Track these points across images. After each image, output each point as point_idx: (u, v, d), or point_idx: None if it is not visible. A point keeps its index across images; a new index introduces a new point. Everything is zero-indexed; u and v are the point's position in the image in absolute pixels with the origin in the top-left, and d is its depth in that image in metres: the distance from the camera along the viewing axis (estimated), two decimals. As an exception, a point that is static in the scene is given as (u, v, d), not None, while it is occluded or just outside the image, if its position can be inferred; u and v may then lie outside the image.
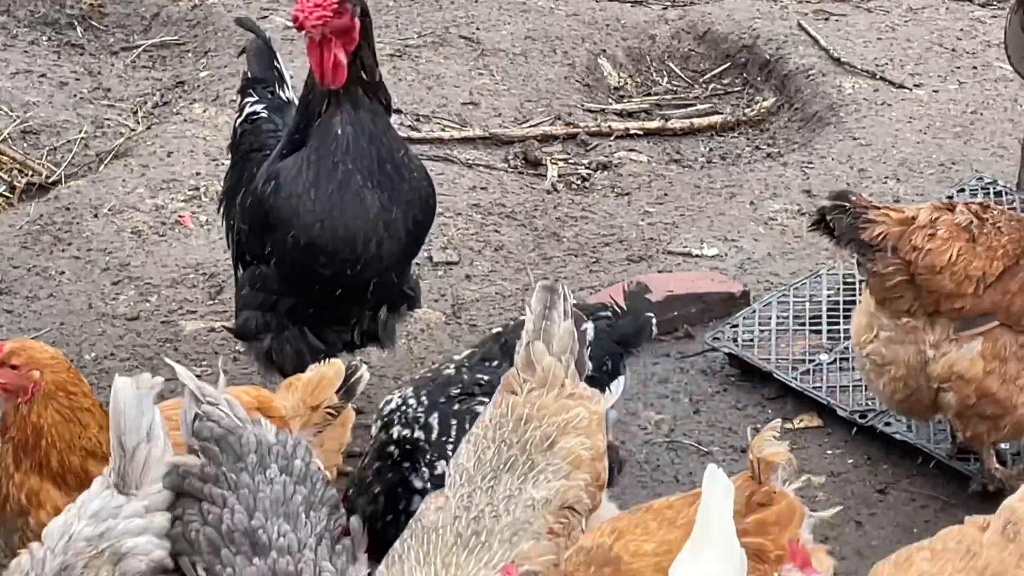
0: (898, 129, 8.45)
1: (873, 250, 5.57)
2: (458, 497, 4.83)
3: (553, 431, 4.97)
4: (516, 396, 5.04)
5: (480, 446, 4.96)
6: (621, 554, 4.59)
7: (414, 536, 4.77)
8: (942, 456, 6.11)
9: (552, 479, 4.89)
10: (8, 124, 8.49)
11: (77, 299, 7.19)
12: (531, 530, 4.79)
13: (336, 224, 5.72)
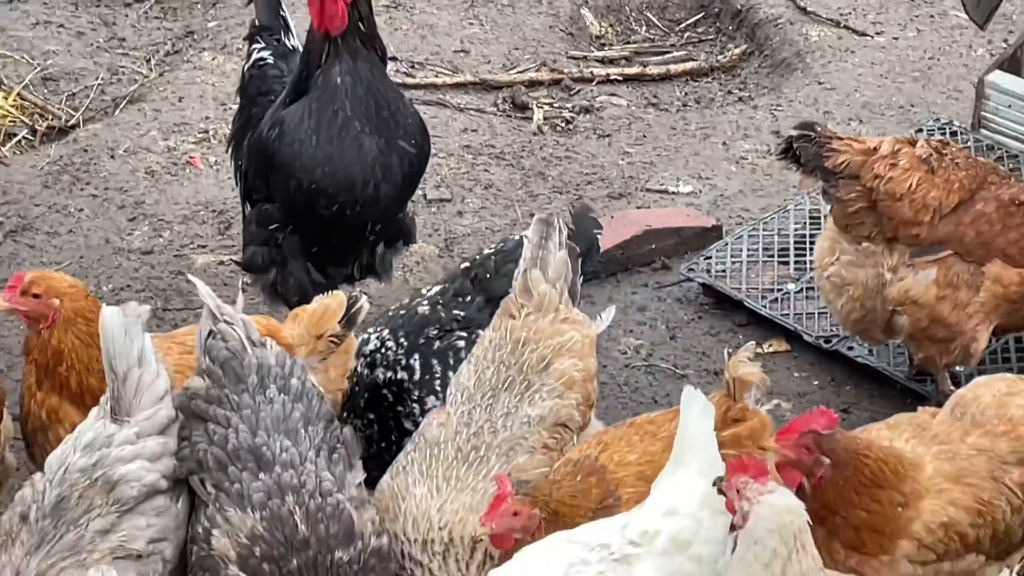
0: (860, 74, 8.42)
1: (837, 177, 5.57)
2: (459, 414, 4.90)
3: (548, 353, 5.02)
4: (514, 320, 5.10)
5: (480, 366, 5.01)
6: (606, 464, 4.64)
7: (417, 449, 4.84)
8: (900, 378, 6.14)
9: (547, 398, 4.94)
10: (29, 72, 8.44)
11: (95, 235, 7.14)
12: (526, 445, 4.85)
13: (336, 168, 5.73)
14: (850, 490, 4.36)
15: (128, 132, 7.86)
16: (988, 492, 4.51)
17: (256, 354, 4.69)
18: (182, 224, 7.23)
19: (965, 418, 4.71)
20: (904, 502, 4.41)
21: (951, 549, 4.45)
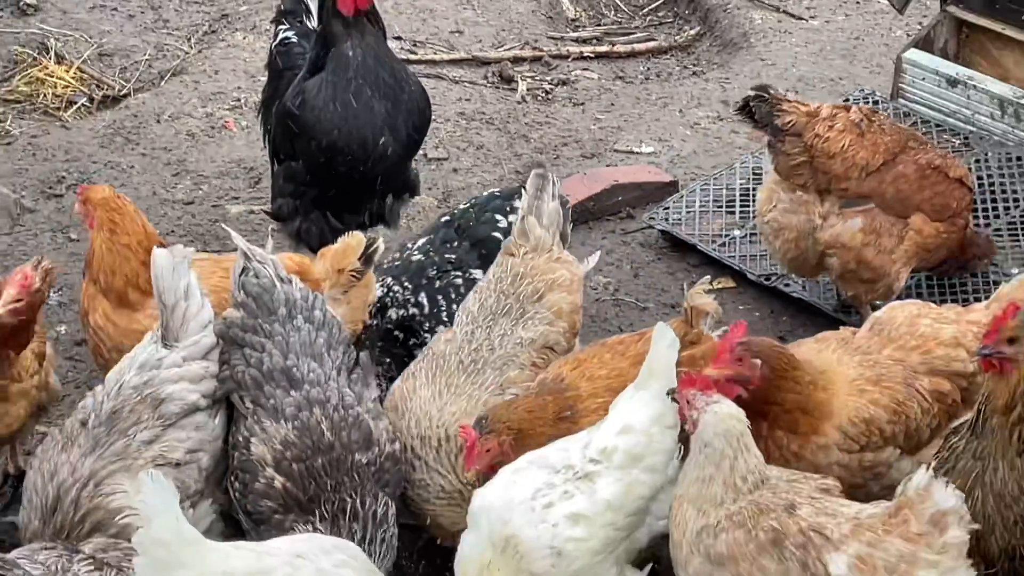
0: (797, 52, 8.43)
1: (784, 133, 5.62)
2: (463, 333, 4.97)
3: (541, 287, 5.07)
4: (514, 258, 5.15)
5: (483, 295, 5.07)
6: (574, 381, 4.71)
7: (425, 360, 4.92)
8: (829, 310, 6.19)
9: (538, 324, 5.00)
10: (87, 48, 8.42)
11: (144, 188, 7.18)
12: (517, 362, 4.91)
13: (351, 130, 5.75)
14: (776, 379, 4.43)
15: (172, 100, 7.88)
16: (903, 395, 4.61)
17: (284, 289, 4.75)
18: (218, 179, 7.27)
19: (883, 334, 4.80)
20: (814, 380, 4.52)
21: (872, 442, 4.57)
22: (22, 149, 7.45)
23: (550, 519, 4.22)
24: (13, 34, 8.54)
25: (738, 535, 4.08)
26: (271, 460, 4.49)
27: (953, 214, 5.83)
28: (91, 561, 4.07)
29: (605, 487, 4.27)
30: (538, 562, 4.19)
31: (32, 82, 8.09)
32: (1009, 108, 6.72)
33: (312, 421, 4.53)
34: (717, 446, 4.11)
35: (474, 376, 4.85)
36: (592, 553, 4.24)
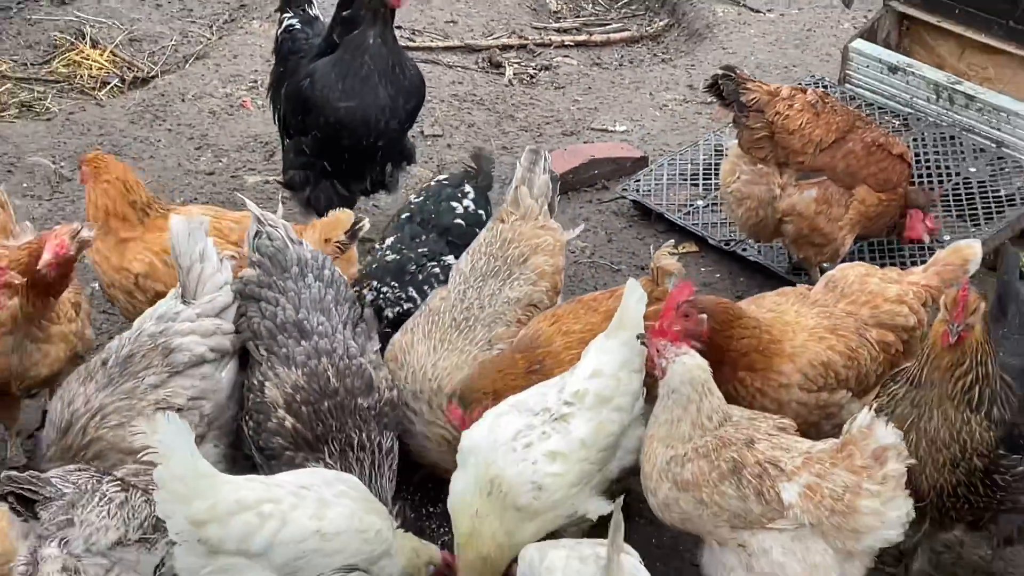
0: (755, 42, 8.40)
1: (748, 110, 5.57)
2: (456, 292, 4.94)
3: (527, 251, 5.05)
4: (504, 224, 5.15)
5: (475, 257, 5.04)
6: (549, 337, 4.69)
7: (422, 315, 4.89)
8: (781, 272, 6.18)
9: (523, 284, 4.99)
10: (119, 34, 8.36)
11: (170, 160, 7.12)
12: (504, 319, 4.90)
13: (356, 109, 5.75)
14: (725, 329, 4.45)
15: (195, 81, 7.82)
16: (855, 343, 4.65)
17: (295, 249, 4.72)
18: (237, 152, 7.20)
19: (836, 291, 4.83)
20: (760, 325, 4.55)
21: (828, 383, 4.60)
22: (61, 124, 7.39)
23: (530, 457, 4.23)
24: (53, 21, 8.48)
25: (702, 464, 4.12)
26: (282, 402, 4.46)
27: (894, 186, 5.84)
28: (119, 483, 4.05)
29: (578, 427, 4.29)
30: (521, 497, 4.20)
31: (70, 64, 8.04)
32: (943, 93, 6.69)
33: (320, 368, 4.50)
34: (684, 392, 4.16)
35: (466, 332, 4.83)
36: (569, 486, 4.25)
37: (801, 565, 4.08)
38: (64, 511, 3.87)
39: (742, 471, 4.09)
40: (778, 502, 4.07)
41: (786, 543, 4.09)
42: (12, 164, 6.93)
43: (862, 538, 4.08)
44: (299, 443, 4.45)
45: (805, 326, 4.66)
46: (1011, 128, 6.46)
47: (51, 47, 8.23)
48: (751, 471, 4.09)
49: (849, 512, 4.04)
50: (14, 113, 7.59)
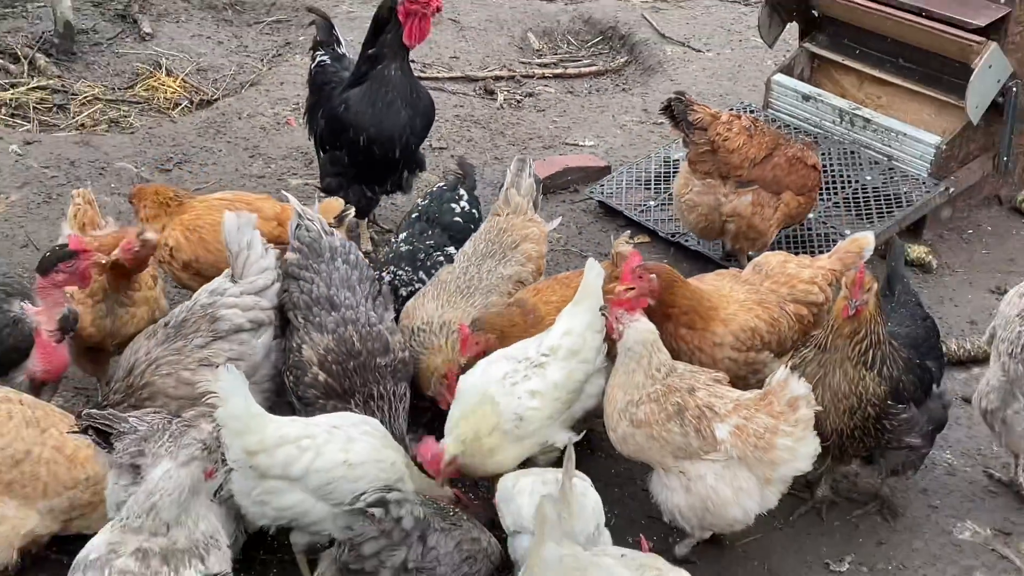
0: (696, 75, 8.37)
1: (694, 129, 5.53)
2: (460, 268, 4.98)
3: (518, 238, 5.09)
4: (499, 217, 5.19)
5: (476, 242, 5.08)
6: (534, 301, 4.73)
7: (432, 285, 4.92)
8: (717, 258, 6.12)
9: (514, 264, 5.03)
10: (189, 65, 8.33)
11: (228, 166, 7.08)
12: (498, 291, 4.93)
13: (383, 129, 5.71)
14: (669, 287, 4.46)
15: (249, 103, 7.78)
16: (777, 314, 4.67)
17: (327, 239, 4.69)
18: (282, 160, 7.16)
19: (762, 273, 4.85)
20: (699, 291, 4.60)
21: (754, 344, 4.60)
22: (141, 137, 7.36)
23: (516, 393, 4.28)
24: (136, 54, 8.46)
25: (653, 407, 4.15)
26: (316, 361, 4.45)
27: (809, 190, 5.85)
28: (186, 423, 4.00)
29: (553, 373, 4.32)
30: (506, 424, 4.24)
31: (149, 89, 8.01)
32: (846, 116, 6.70)
33: (347, 334, 4.48)
34: (637, 350, 4.19)
35: (467, 297, 4.86)
36: (544, 419, 4.29)
37: (729, 488, 4.12)
38: (136, 444, 3.84)
39: (685, 413, 4.12)
40: (713, 438, 4.10)
41: (718, 471, 4.12)
42: (103, 168, 6.89)
43: (778, 469, 4.12)
44: (330, 394, 4.44)
45: (737, 299, 4.67)
46: (899, 145, 6.47)
47: (134, 75, 8.19)
48: (692, 413, 4.12)
49: (768, 448, 4.08)
50: (104, 127, 7.56)
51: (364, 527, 3.53)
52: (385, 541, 3.53)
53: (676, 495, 4.17)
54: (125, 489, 3.85)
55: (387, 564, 3.53)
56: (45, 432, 4.03)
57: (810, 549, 4.53)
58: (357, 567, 3.51)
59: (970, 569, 4.47)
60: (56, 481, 4.02)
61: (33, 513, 4.03)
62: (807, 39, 6.97)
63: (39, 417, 4.06)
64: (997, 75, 6.05)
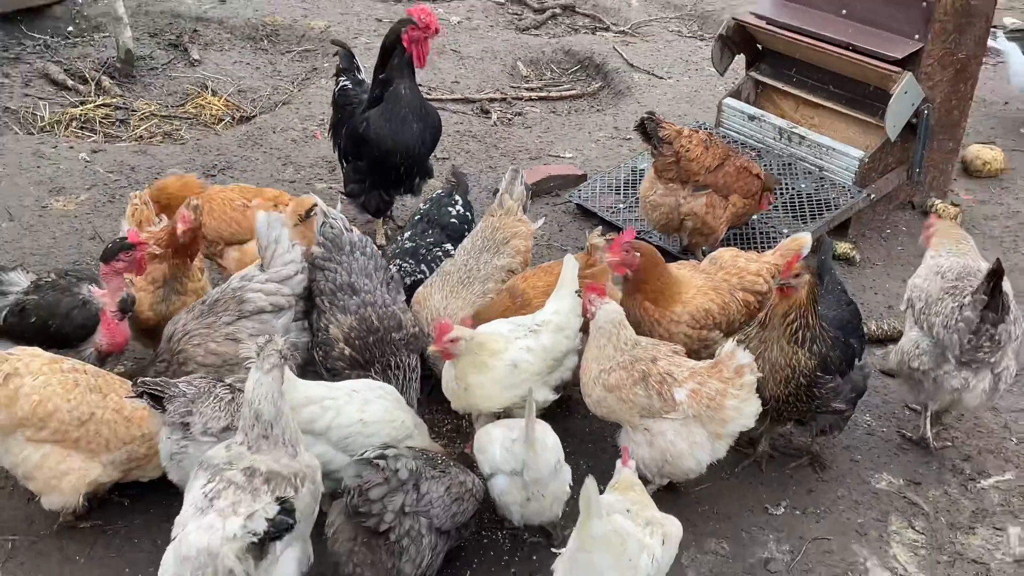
0: (660, 98, 8.36)
1: (662, 143, 5.52)
2: (460, 261, 4.95)
3: (509, 235, 5.06)
4: (493, 218, 5.15)
5: (474, 238, 5.06)
6: (523, 287, 4.70)
7: (438, 276, 4.89)
8: (675, 252, 6.11)
9: (505, 257, 5.00)
10: (231, 87, 8.33)
11: (264, 172, 7.04)
12: (493, 279, 4.89)
13: (398, 142, 5.66)
14: (647, 266, 4.49)
15: (282, 120, 7.75)
16: (728, 299, 4.67)
17: (347, 235, 4.68)
18: (310, 168, 7.13)
19: (716, 264, 4.86)
20: (669, 276, 4.59)
21: (707, 324, 4.61)
22: (191, 147, 7.33)
23: (515, 346, 4.28)
24: (186, 77, 8.44)
25: (622, 374, 4.16)
26: (342, 338, 4.46)
27: (753, 194, 5.84)
28: (228, 387, 4.05)
29: (544, 339, 4.34)
30: (501, 368, 4.24)
31: (197, 107, 7.99)
32: (785, 134, 6.70)
33: (367, 314, 4.49)
34: (607, 327, 4.20)
35: (467, 286, 4.84)
36: (533, 373, 4.29)
37: (685, 443, 4.15)
38: (185, 405, 3.89)
39: (648, 379, 4.14)
40: (672, 400, 4.12)
41: (676, 428, 4.14)
42: (158, 174, 6.85)
43: (727, 426, 4.15)
44: (354, 365, 4.45)
45: (696, 284, 4.68)
46: (829, 158, 6.48)
47: (184, 95, 8.17)
48: (654, 379, 4.14)
49: (719, 408, 4.11)
50: (159, 139, 7.54)
51: (371, 475, 3.54)
52: (387, 487, 3.54)
53: (641, 448, 4.19)
54: (177, 443, 3.91)
55: (388, 508, 3.55)
56: (106, 397, 4.04)
57: (751, 495, 4.56)
58: (365, 510, 3.52)
59: (886, 513, 4.51)
60: (116, 438, 4.03)
61: (97, 464, 4.04)
62: (752, 69, 6.97)
63: (101, 384, 4.06)
64: (912, 99, 6.08)
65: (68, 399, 3.95)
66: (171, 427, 3.89)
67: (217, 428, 3.89)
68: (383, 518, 3.54)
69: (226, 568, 3.22)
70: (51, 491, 4.01)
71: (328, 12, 9.55)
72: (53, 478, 3.98)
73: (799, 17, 6.46)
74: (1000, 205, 7.01)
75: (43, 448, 3.95)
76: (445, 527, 3.74)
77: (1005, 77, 8.40)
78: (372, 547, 3.59)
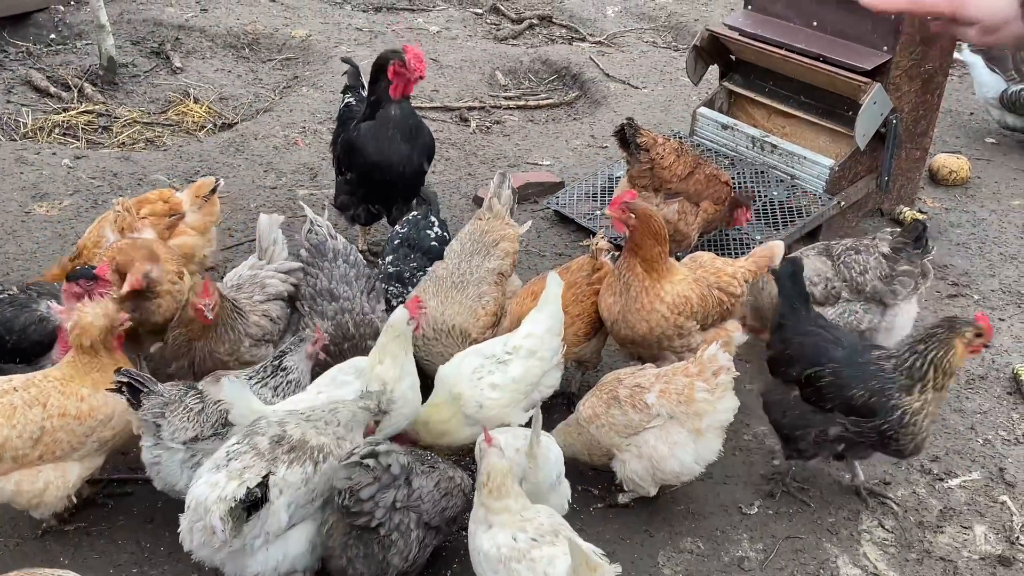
0: (635, 108, 8.38)
1: (639, 150, 5.52)
2: (452, 264, 4.92)
3: (498, 238, 5.05)
4: (481, 221, 5.15)
5: (463, 241, 5.03)
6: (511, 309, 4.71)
7: (431, 280, 4.86)
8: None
9: (495, 260, 4.98)
10: (213, 94, 8.30)
11: (246, 179, 7.03)
12: (486, 281, 4.88)
13: (384, 157, 5.61)
14: (642, 233, 4.50)
15: (264, 127, 7.74)
16: (706, 293, 4.66)
17: (331, 243, 4.70)
18: (291, 174, 7.11)
19: (696, 263, 4.86)
20: (664, 250, 4.56)
21: (684, 311, 4.58)
22: (173, 154, 7.30)
23: (480, 386, 4.25)
24: (168, 84, 8.40)
25: (593, 400, 4.29)
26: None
27: (723, 201, 5.85)
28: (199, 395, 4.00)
29: (514, 369, 4.30)
30: (469, 408, 4.22)
31: (179, 114, 7.96)
32: (757, 143, 6.74)
33: (343, 321, 4.50)
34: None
35: (461, 290, 4.82)
36: (501, 407, 4.26)
37: (666, 444, 4.15)
38: (160, 406, 3.86)
39: (619, 397, 4.21)
40: (645, 405, 4.13)
41: (657, 434, 4.15)
42: (140, 180, 6.84)
43: (703, 420, 4.12)
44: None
45: (682, 272, 4.69)
46: (800, 167, 6.53)
47: (167, 102, 8.14)
48: (624, 394, 4.20)
49: (690, 400, 4.11)
50: (142, 146, 7.50)
51: (360, 475, 3.53)
52: (378, 485, 3.54)
53: (631, 463, 4.19)
54: (151, 452, 3.88)
55: (380, 504, 3.54)
56: (47, 406, 3.89)
57: (726, 495, 4.58)
58: (356, 509, 3.52)
59: (856, 512, 4.54)
60: (75, 436, 3.93)
61: (72, 465, 3.97)
62: (726, 79, 7.01)
63: (36, 395, 3.90)
64: (880, 109, 6.13)
65: (13, 426, 3.82)
66: (145, 426, 3.85)
67: (183, 439, 3.86)
68: (374, 515, 3.55)
69: (210, 526, 3.33)
70: (37, 507, 3.96)
71: (309, 21, 9.53)
72: (34, 497, 3.92)
73: (771, 29, 6.51)
74: (966, 213, 7.10)
75: (12, 477, 3.87)
76: (434, 522, 3.75)
77: (970, 89, 8.51)
78: (365, 540, 3.60)
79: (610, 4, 10.47)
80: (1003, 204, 7.21)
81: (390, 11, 10.19)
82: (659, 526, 4.37)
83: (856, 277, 4.96)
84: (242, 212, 6.56)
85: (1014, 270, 6.42)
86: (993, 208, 7.14)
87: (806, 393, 4.28)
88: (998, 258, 6.55)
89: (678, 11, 10.33)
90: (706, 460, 4.19)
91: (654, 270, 4.54)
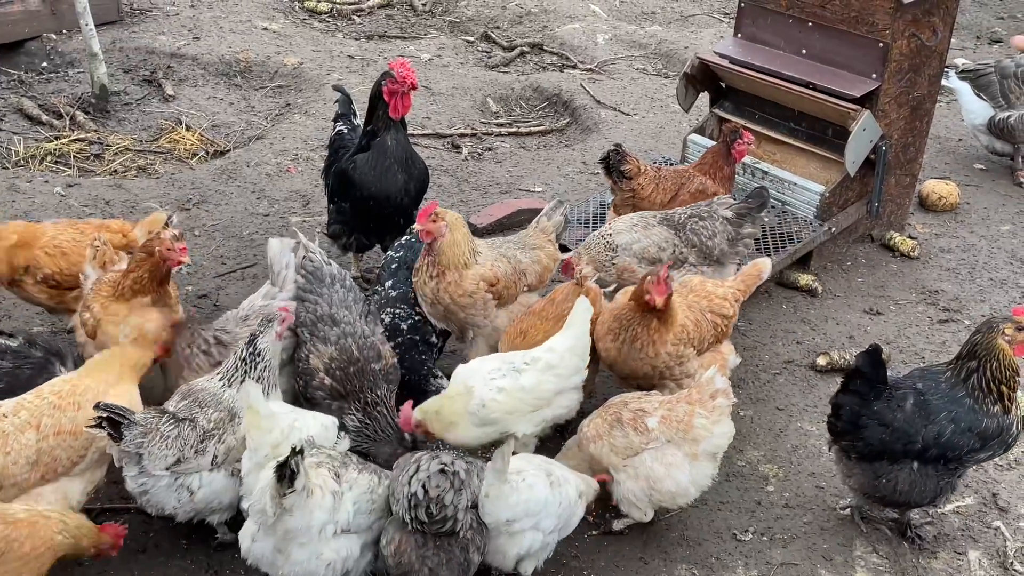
0: (626, 134, 8.44)
1: (624, 177, 5.60)
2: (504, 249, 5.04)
3: (537, 247, 5.18)
4: (529, 233, 5.26)
5: (508, 243, 5.15)
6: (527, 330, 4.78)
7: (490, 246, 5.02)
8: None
9: (529, 257, 5.11)
10: (205, 122, 8.33)
11: (239, 206, 7.07)
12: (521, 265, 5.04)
13: (381, 188, 5.65)
14: (666, 303, 4.49)
15: (256, 154, 7.77)
16: (700, 318, 4.73)
17: (327, 268, 4.74)
18: (283, 201, 7.14)
19: (687, 288, 4.91)
20: (675, 313, 4.62)
21: (683, 339, 4.64)
22: (165, 181, 7.33)
23: (489, 386, 4.30)
24: (160, 112, 8.43)
25: (598, 421, 4.36)
26: (323, 368, 4.49)
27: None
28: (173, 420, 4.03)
29: (526, 378, 4.35)
30: (472, 403, 4.27)
31: (171, 141, 7.99)
32: (748, 169, 6.75)
33: (347, 345, 4.53)
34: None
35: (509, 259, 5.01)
36: (504, 411, 4.30)
37: (662, 465, 4.22)
38: (140, 436, 3.91)
39: (622, 419, 4.28)
40: (646, 428, 4.20)
41: (654, 455, 4.23)
42: (132, 207, 6.87)
43: (700, 445, 4.21)
44: (334, 395, 4.49)
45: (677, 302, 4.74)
46: (791, 193, 6.59)
47: (159, 130, 8.16)
48: (628, 417, 4.26)
49: (688, 428, 4.20)
50: (134, 173, 7.53)
51: (441, 482, 3.65)
52: (454, 491, 3.68)
53: (628, 482, 4.25)
54: (135, 481, 3.94)
55: (459, 507, 3.70)
56: (39, 427, 3.89)
57: (720, 522, 4.62)
58: (441, 516, 3.64)
59: (851, 538, 4.58)
60: (73, 451, 3.94)
61: (74, 481, 3.98)
62: (716, 105, 7.08)
63: (27, 418, 3.90)
64: (870, 136, 6.20)
65: (6, 453, 3.81)
66: (127, 457, 3.89)
67: (165, 464, 3.92)
68: (456, 518, 3.69)
69: (263, 500, 3.56)
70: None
71: (301, 49, 9.59)
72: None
73: (761, 57, 6.59)
74: (955, 238, 7.17)
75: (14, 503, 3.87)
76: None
77: (958, 115, 8.62)
78: (444, 547, 3.72)
79: (600, 32, 10.56)
80: (992, 229, 7.30)
81: (382, 39, 10.27)
82: (653, 553, 4.40)
83: (706, 242, 5.26)
84: (235, 239, 6.60)
85: (1004, 295, 6.50)
86: (983, 233, 7.23)
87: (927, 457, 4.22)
88: (988, 283, 6.63)
89: (668, 39, 10.43)
90: (701, 486, 4.25)
91: (666, 326, 4.59)
